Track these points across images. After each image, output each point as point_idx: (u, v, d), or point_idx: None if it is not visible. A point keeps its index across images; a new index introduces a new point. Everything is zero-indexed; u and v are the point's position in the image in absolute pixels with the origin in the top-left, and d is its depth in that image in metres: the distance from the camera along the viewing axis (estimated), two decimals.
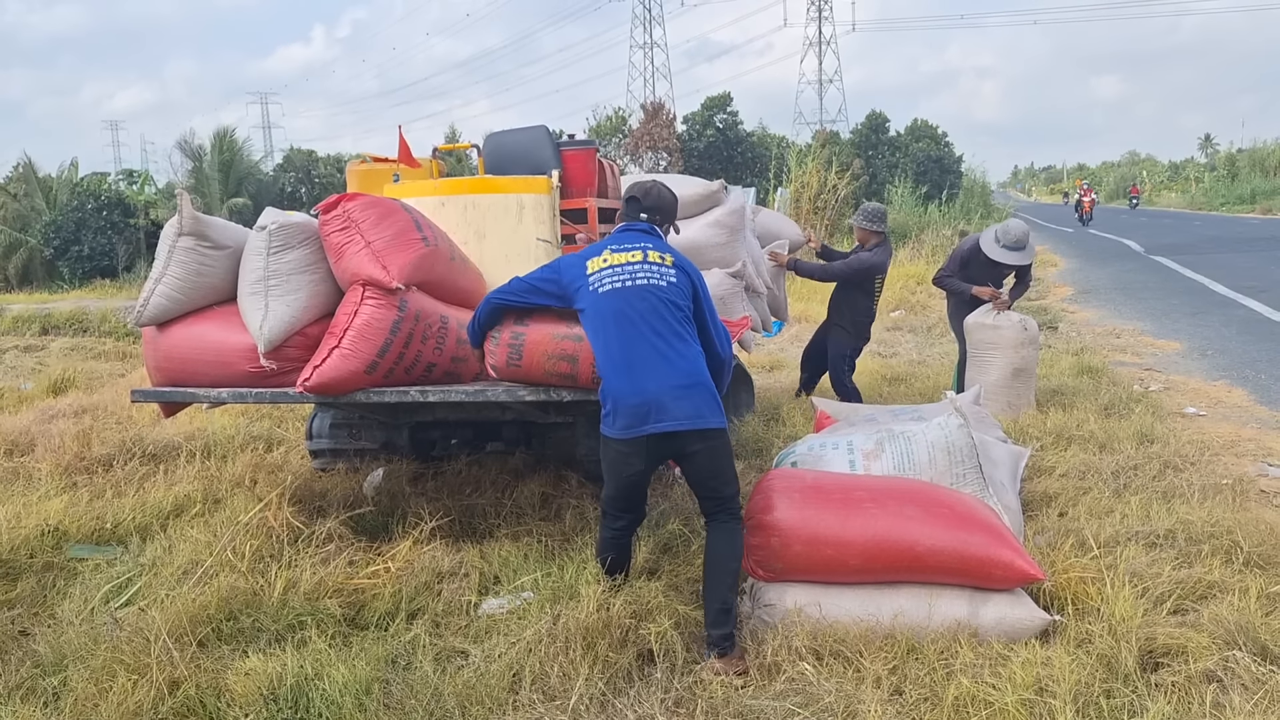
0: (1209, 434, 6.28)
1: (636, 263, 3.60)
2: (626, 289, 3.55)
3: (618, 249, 3.66)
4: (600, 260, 3.64)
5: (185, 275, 4.35)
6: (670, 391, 3.45)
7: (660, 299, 3.55)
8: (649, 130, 36.79)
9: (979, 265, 7.05)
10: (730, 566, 3.53)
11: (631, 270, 3.58)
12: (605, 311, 3.56)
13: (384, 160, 6.12)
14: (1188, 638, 3.27)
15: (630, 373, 3.48)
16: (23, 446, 6.56)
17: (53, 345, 15.11)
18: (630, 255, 3.62)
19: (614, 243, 3.71)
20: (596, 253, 3.69)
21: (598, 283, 3.60)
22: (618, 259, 3.62)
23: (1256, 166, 51.12)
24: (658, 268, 3.60)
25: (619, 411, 3.50)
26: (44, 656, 3.52)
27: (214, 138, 30.46)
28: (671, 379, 3.46)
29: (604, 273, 3.61)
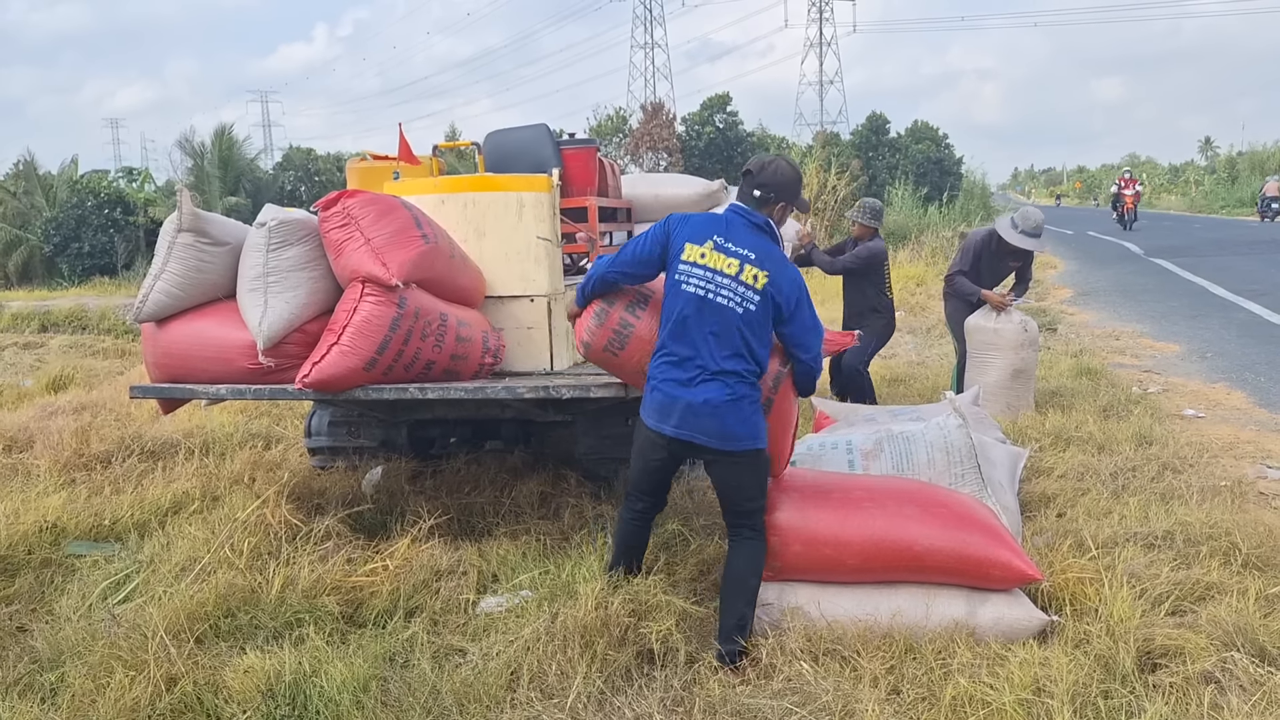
0: (1208, 436, 6.29)
1: (729, 276, 3.47)
2: (704, 299, 3.46)
3: (721, 246, 3.51)
4: (699, 253, 3.51)
5: (185, 271, 4.34)
6: (703, 407, 3.43)
7: (732, 322, 3.45)
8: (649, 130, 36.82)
9: (989, 258, 7.05)
10: (749, 583, 3.51)
11: (718, 283, 3.47)
12: (679, 305, 3.49)
13: (384, 158, 6.12)
14: (1186, 639, 3.27)
15: (676, 370, 3.48)
16: (21, 443, 6.55)
17: (52, 342, 15.11)
18: (728, 264, 3.48)
19: (722, 232, 3.54)
20: (701, 237, 3.53)
21: (685, 276, 3.50)
22: (714, 261, 3.49)
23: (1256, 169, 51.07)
24: (745, 290, 3.47)
25: (653, 401, 3.52)
26: (41, 653, 3.52)
27: (214, 136, 30.47)
28: (708, 393, 3.43)
29: (695, 270, 3.49)
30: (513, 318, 4.79)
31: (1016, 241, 6.85)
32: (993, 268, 7.12)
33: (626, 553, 3.79)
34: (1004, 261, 7.08)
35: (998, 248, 7.00)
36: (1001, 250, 6.98)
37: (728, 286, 3.47)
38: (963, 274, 7.16)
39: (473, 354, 4.44)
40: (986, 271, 7.10)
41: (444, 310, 4.33)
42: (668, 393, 3.48)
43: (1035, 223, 6.92)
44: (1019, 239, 6.85)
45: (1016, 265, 7.14)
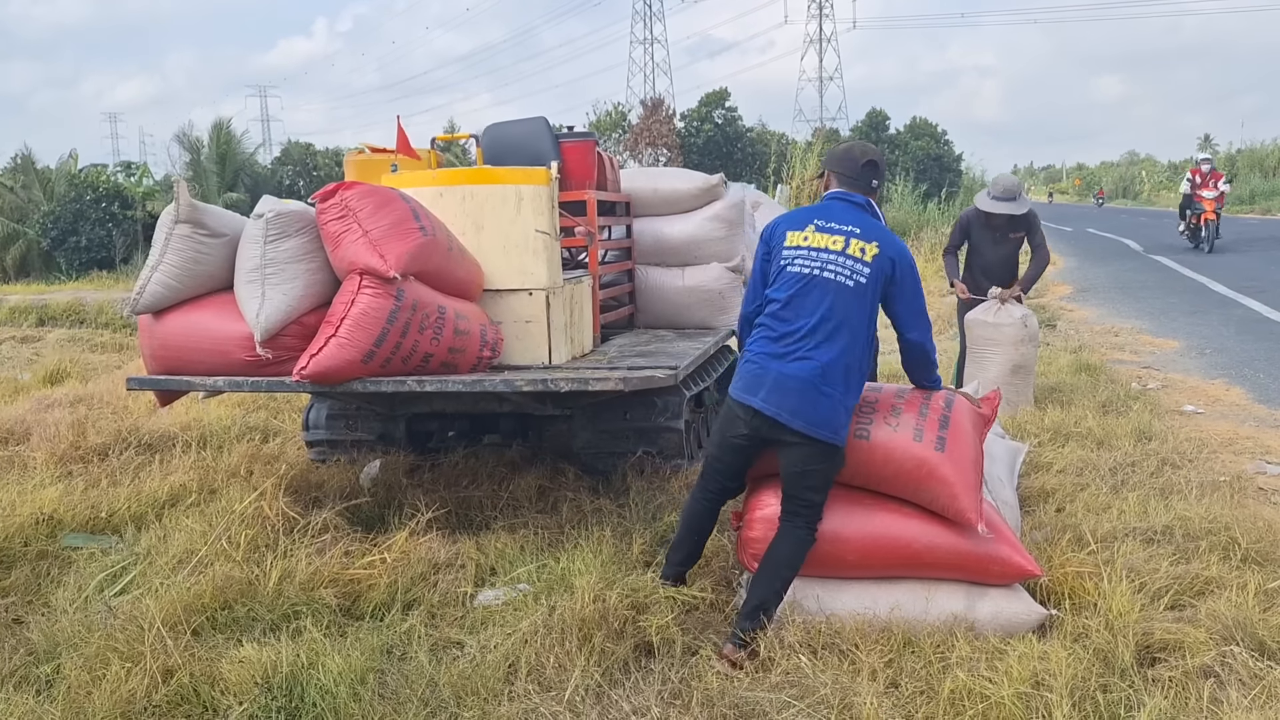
0: (1207, 432, 6.28)
1: (835, 252, 3.50)
2: (813, 277, 3.48)
3: (823, 227, 3.56)
4: (802, 237, 3.55)
5: (182, 263, 4.33)
6: (792, 381, 3.42)
7: (841, 299, 3.47)
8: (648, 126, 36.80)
9: (980, 229, 7.04)
10: (784, 573, 3.49)
11: (824, 260, 3.50)
12: (785, 285, 3.51)
13: (382, 151, 6.09)
14: (1185, 633, 3.27)
15: (773, 345, 3.49)
16: (18, 435, 6.54)
17: (49, 336, 15.10)
18: (832, 240, 3.52)
19: (822, 215, 3.60)
20: (801, 224, 3.59)
21: (791, 259, 3.53)
22: (818, 240, 3.53)
23: (1255, 167, 51.14)
24: (854, 263, 3.49)
25: (745, 373, 3.53)
26: (38, 644, 3.50)
27: (212, 130, 30.44)
28: (801, 371, 3.43)
29: (800, 251, 3.53)
30: (511, 311, 4.78)
31: (992, 208, 6.86)
32: (994, 247, 7.06)
33: (689, 536, 3.78)
34: (1003, 235, 7.03)
35: (986, 220, 7.00)
36: (995, 223, 6.96)
37: (835, 261, 3.48)
38: (948, 252, 7.24)
39: (470, 347, 4.42)
40: (990, 251, 7.06)
41: (442, 303, 4.32)
42: (761, 364, 3.49)
43: (1006, 186, 6.94)
44: (992, 204, 6.87)
45: (1019, 236, 7.08)
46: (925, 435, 3.56)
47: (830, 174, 3.78)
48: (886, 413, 3.64)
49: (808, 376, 3.41)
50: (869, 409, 3.66)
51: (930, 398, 3.75)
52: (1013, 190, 6.92)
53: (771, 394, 3.44)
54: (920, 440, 3.55)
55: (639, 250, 6.33)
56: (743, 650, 3.36)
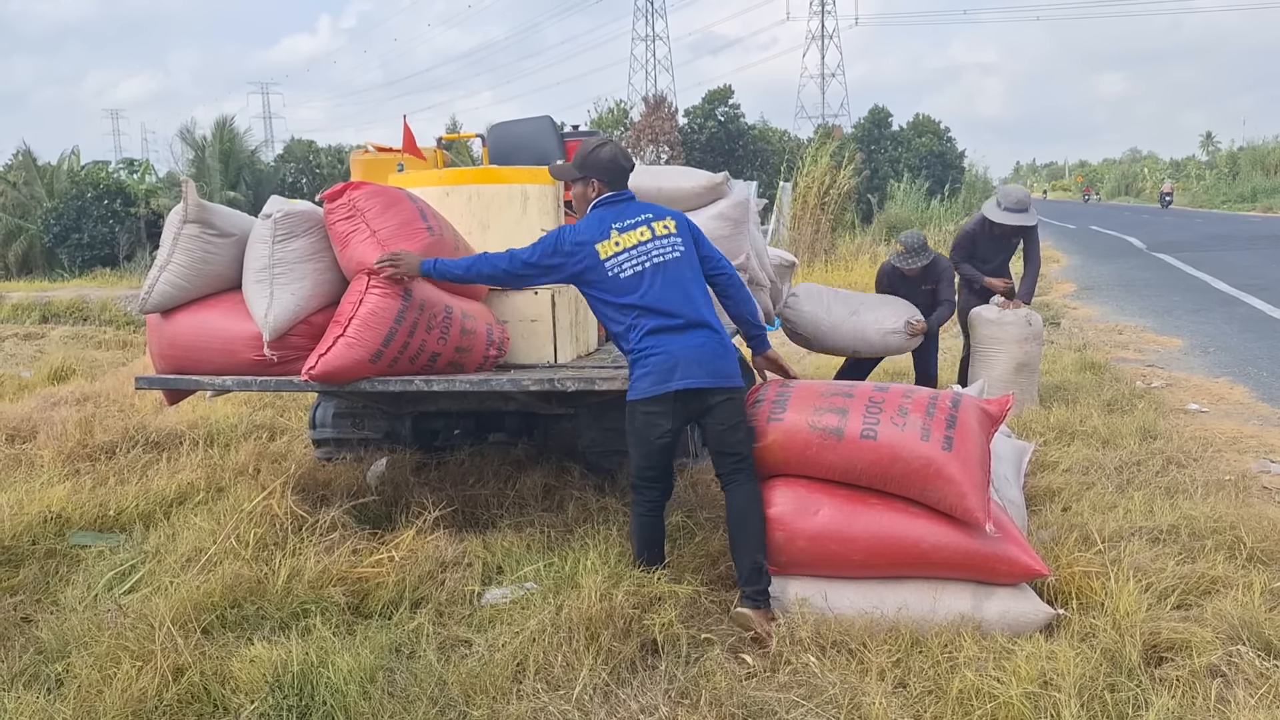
0: (1211, 430, 6.29)
1: (647, 241, 3.75)
2: (646, 271, 3.71)
3: (622, 228, 3.77)
4: (611, 245, 3.74)
5: (190, 263, 4.34)
6: (694, 351, 3.65)
7: (679, 268, 3.74)
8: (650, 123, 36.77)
9: (986, 239, 7.04)
10: (756, 527, 3.65)
11: (646, 251, 3.73)
12: (629, 293, 3.71)
13: (388, 150, 6.11)
14: (1191, 633, 3.27)
15: (661, 335, 3.67)
16: (25, 433, 6.55)
17: (52, 333, 15.13)
18: (640, 234, 3.76)
19: (614, 219, 3.80)
20: (602, 235, 3.75)
21: (616, 268, 3.72)
22: (629, 240, 3.75)
23: (1257, 164, 51.09)
24: (668, 240, 3.78)
25: (651, 367, 3.66)
26: (47, 643, 3.51)
27: (215, 128, 30.42)
28: (694, 339, 3.67)
29: (620, 258, 3.73)
30: (516, 310, 4.79)
31: (1004, 219, 6.84)
32: (996, 251, 7.08)
33: (649, 547, 3.86)
34: (1005, 241, 7.05)
35: (990, 230, 6.98)
36: (998, 232, 6.96)
37: (654, 246, 3.75)
38: (961, 260, 7.15)
39: (477, 347, 4.43)
40: (992, 255, 7.07)
41: (449, 303, 4.32)
42: (665, 351, 3.66)
43: (1018, 198, 6.93)
44: (1004, 216, 6.85)
45: (1018, 243, 7.11)
46: (932, 434, 3.57)
47: (595, 181, 3.92)
48: (893, 412, 3.65)
49: (707, 341, 3.69)
50: (876, 408, 3.67)
51: (938, 397, 3.75)
52: (1024, 202, 6.92)
53: (688, 370, 3.64)
54: (927, 439, 3.55)
55: None
56: (767, 608, 3.56)
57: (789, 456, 3.71)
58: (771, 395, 3.85)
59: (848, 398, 3.74)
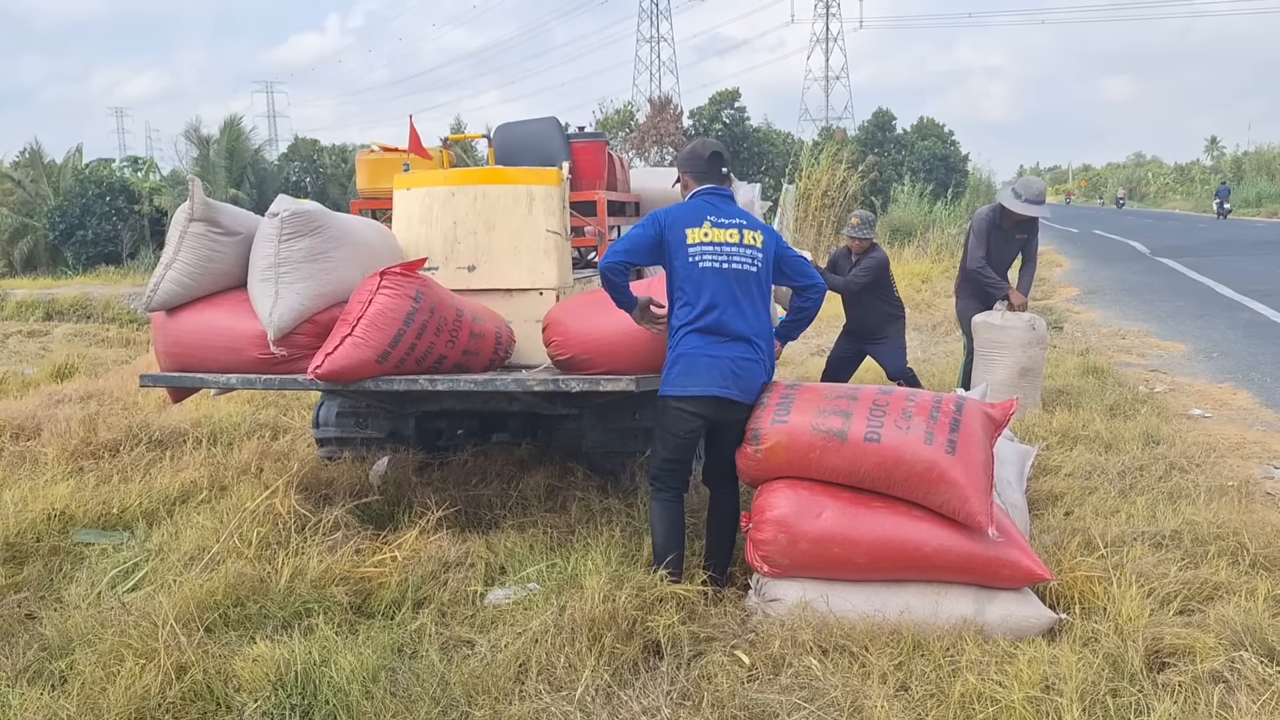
0: (1214, 436, 6.28)
1: (734, 245, 3.87)
2: (724, 270, 3.83)
3: (718, 223, 3.88)
4: (701, 233, 3.85)
5: (196, 261, 4.35)
6: (739, 363, 3.81)
7: (751, 283, 3.88)
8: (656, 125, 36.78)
9: (997, 236, 7.03)
10: (735, 524, 4.01)
11: (729, 252, 3.85)
12: (701, 283, 3.82)
13: (393, 150, 6.11)
14: (1194, 638, 3.27)
15: (710, 337, 3.80)
16: (29, 431, 6.56)
17: (56, 331, 15.15)
18: (729, 235, 3.87)
19: (711, 212, 3.90)
20: (696, 221, 3.87)
21: (698, 256, 3.83)
22: (718, 236, 3.86)
23: (1262, 170, 51.07)
24: (751, 252, 3.89)
25: (694, 370, 3.79)
26: (51, 640, 3.53)
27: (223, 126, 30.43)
28: (737, 351, 3.82)
29: (705, 248, 3.84)
30: (521, 311, 4.80)
31: (1023, 210, 6.82)
32: (1000, 249, 7.08)
33: (672, 533, 3.93)
34: (1011, 237, 7.04)
35: (1003, 221, 6.98)
36: (1008, 225, 6.96)
37: (737, 252, 3.86)
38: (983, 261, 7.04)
39: (484, 349, 4.45)
40: (995, 253, 7.07)
41: (460, 307, 4.34)
42: (704, 353, 3.79)
43: (1037, 190, 6.93)
44: (1024, 207, 6.83)
45: (1023, 238, 7.09)
46: (936, 438, 3.57)
47: (687, 175, 4.05)
48: (897, 416, 3.65)
49: (743, 356, 3.83)
50: (880, 411, 3.68)
51: (941, 401, 3.75)
52: (1042, 195, 6.93)
53: (720, 379, 3.77)
54: (931, 443, 3.55)
55: None
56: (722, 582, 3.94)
57: (793, 458, 3.71)
58: (776, 398, 3.85)
59: (852, 400, 3.74)
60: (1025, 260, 7.15)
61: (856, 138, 40.18)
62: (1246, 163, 54.76)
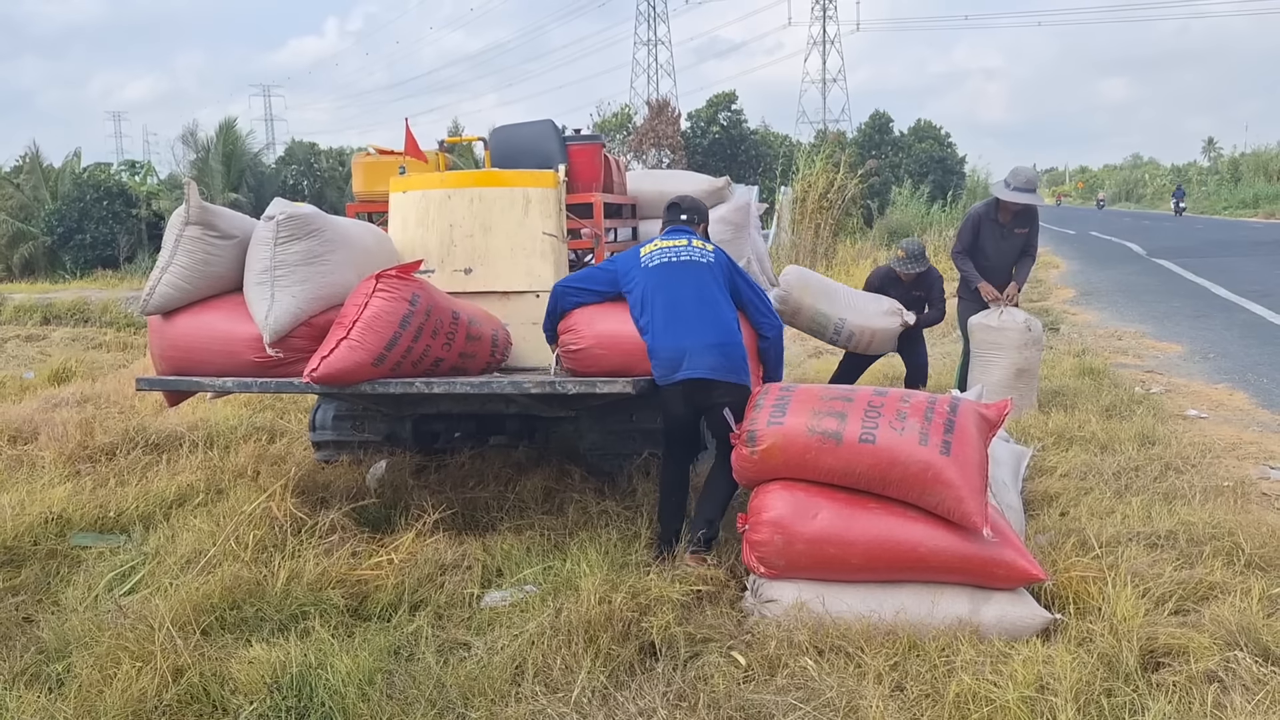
0: (1210, 436, 6.28)
1: (681, 246, 4.28)
2: (673, 263, 4.21)
3: (666, 236, 4.38)
4: (652, 246, 4.31)
5: (192, 264, 4.35)
6: (702, 346, 4.06)
7: (701, 272, 4.21)
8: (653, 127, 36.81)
9: (991, 229, 7.03)
10: (726, 486, 4.18)
11: (677, 250, 4.26)
12: (652, 283, 4.19)
13: (389, 153, 6.12)
14: (1189, 638, 3.27)
15: (669, 329, 4.10)
16: (26, 434, 6.56)
17: (54, 335, 15.15)
18: (677, 242, 4.31)
19: (663, 237, 4.40)
20: (648, 243, 4.36)
21: (648, 260, 4.25)
22: (666, 244, 4.30)
23: (1259, 170, 51.14)
24: (700, 250, 4.29)
25: (658, 363, 4.14)
26: (48, 643, 3.53)
27: (219, 130, 30.44)
28: (706, 336, 4.09)
29: (654, 253, 4.27)
30: (518, 313, 4.80)
31: (1013, 198, 6.84)
32: (999, 244, 7.07)
33: (671, 496, 4.32)
34: (1010, 231, 7.02)
35: (999, 215, 6.98)
36: (1004, 218, 6.95)
37: (685, 249, 4.26)
38: (962, 253, 7.14)
39: (481, 352, 4.45)
40: (993, 249, 7.05)
41: (456, 310, 4.34)
42: (668, 344, 4.10)
43: (1026, 178, 6.94)
44: (1015, 195, 6.85)
45: (1023, 233, 7.08)
46: (931, 439, 3.58)
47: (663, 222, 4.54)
48: (892, 416, 3.66)
49: (711, 340, 4.08)
50: (875, 412, 3.69)
51: (936, 401, 3.76)
52: (1033, 182, 6.95)
53: (691, 365, 4.06)
54: (926, 444, 3.56)
55: None
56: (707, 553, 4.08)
57: (788, 460, 3.72)
58: (772, 399, 3.86)
59: (847, 402, 3.75)
60: (1023, 253, 7.15)
61: (855, 140, 40.25)
62: (1244, 164, 54.82)
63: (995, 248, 7.07)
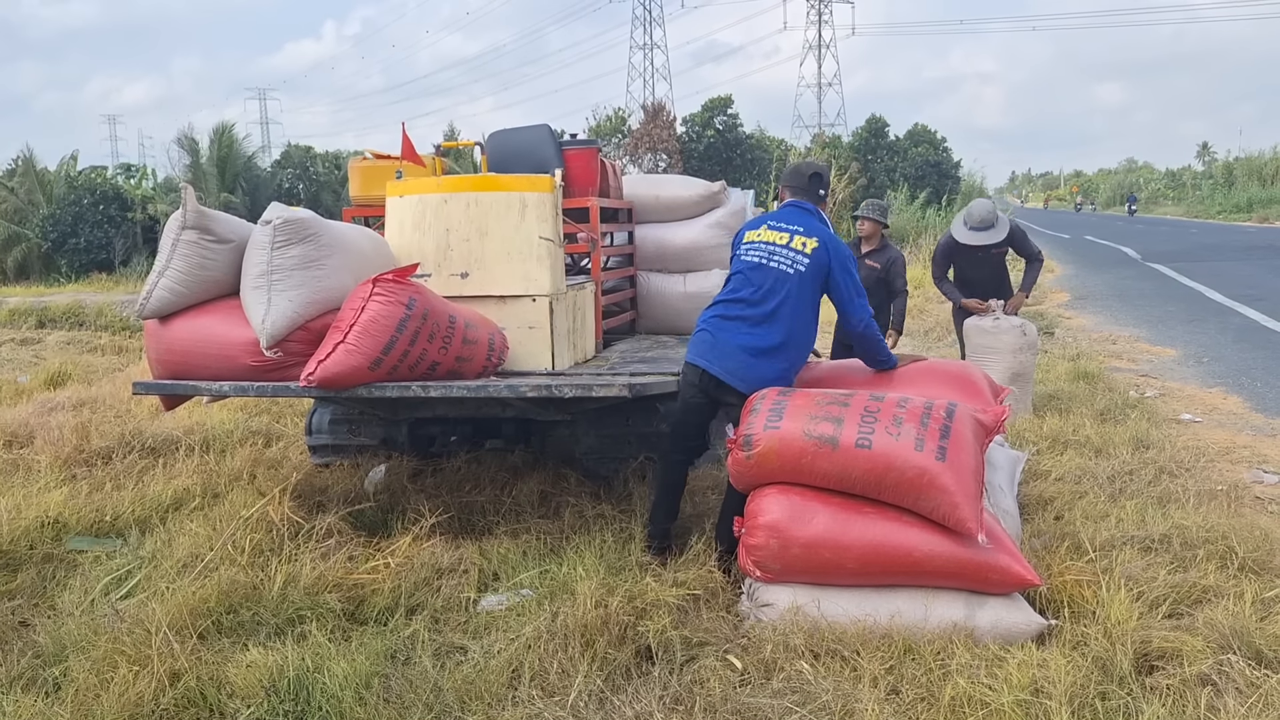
0: (1204, 440, 6.31)
1: (781, 245, 4.14)
2: (761, 265, 4.14)
3: (775, 226, 4.21)
4: (757, 233, 4.22)
5: (189, 269, 4.36)
6: (735, 350, 4.06)
7: (787, 283, 4.09)
8: (649, 131, 36.83)
9: (962, 255, 7.05)
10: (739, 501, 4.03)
11: (772, 250, 4.15)
12: (740, 273, 4.19)
13: (386, 157, 6.13)
14: (1183, 641, 3.29)
15: (723, 320, 4.12)
16: (22, 438, 6.55)
17: (49, 338, 15.09)
18: (780, 236, 4.16)
19: (775, 219, 4.25)
20: (760, 223, 4.26)
21: (746, 251, 4.22)
22: (769, 236, 4.18)
23: (1253, 175, 51.23)
24: (796, 255, 4.12)
25: (697, 339, 4.17)
26: (45, 647, 3.53)
27: (214, 134, 30.42)
28: (745, 341, 4.07)
29: (754, 245, 4.21)
30: (515, 317, 4.81)
31: (966, 239, 6.86)
32: (977, 267, 7.09)
33: (667, 496, 4.32)
34: (986, 255, 7.04)
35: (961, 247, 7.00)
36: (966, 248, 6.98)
37: (780, 253, 4.12)
38: (940, 278, 7.21)
39: (478, 356, 4.46)
40: (973, 273, 7.07)
41: (453, 313, 4.35)
42: (710, 331, 4.13)
43: (981, 215, 6.90)
44: (970, 235, 6.86)
45: (999, 252, 7.09)
46: (926, 445, 3.59)
47: (784, 188, 4.41)
48: (888, 422, 3.67)
49: (749, 344, 4.05)
50: (871, 417, 3.70)
51: (932, 407, 3.78)
52: (988, 219, 6.88)
53: (719, 358, 4.06)
54: (921, 450, 3.58)
55: (641, 256, 6.37)
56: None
57: (785, 464, 3.73)
58: (768, 404, 3.87)
59: (843, 406, 3.76)
60: (1027, 261, 7.14)
61: (850, 144, 40.29)
62: (1237, 168, 54.92)
63: (975, 271, 7.11)
